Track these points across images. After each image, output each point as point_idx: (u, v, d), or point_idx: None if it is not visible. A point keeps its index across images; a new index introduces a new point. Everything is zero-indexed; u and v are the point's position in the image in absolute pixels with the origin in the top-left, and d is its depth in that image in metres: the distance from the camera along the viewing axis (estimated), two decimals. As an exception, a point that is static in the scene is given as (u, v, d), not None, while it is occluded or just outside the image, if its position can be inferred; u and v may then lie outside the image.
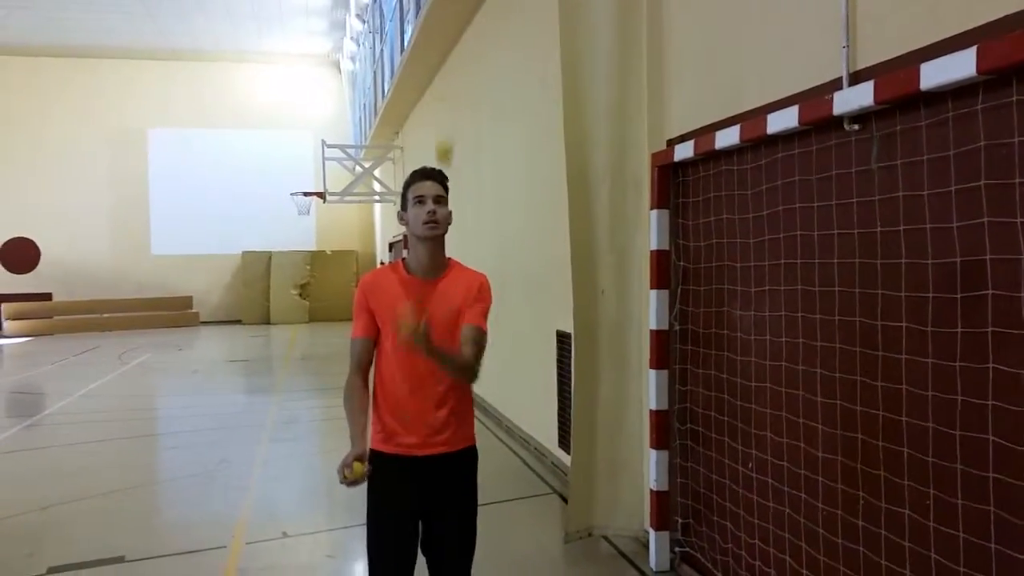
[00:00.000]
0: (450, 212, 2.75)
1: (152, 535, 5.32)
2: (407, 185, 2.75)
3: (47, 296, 24.08)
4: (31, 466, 7.40)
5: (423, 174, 2.74)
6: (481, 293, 2.75)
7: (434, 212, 2.65)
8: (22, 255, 24.32)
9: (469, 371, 2.68)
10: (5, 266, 24.20)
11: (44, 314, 23.08)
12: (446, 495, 2.74)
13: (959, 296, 2.41)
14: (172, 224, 25.11)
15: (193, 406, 10.71)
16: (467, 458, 2.81)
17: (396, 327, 2.47)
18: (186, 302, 24.89)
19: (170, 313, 24.19)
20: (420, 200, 2.68)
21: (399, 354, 2.67)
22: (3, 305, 22.75)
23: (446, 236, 2.77)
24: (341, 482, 2.52)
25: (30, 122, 24.19)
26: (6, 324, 22.27)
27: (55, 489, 6.35)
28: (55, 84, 24.37)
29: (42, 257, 24.42)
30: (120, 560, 4.78)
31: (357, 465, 2.52)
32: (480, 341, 2.69)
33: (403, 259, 2.80)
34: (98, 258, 24.66)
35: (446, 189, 2.75)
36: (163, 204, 25.18)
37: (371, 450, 2.72)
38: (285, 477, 6.78)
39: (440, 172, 2.77)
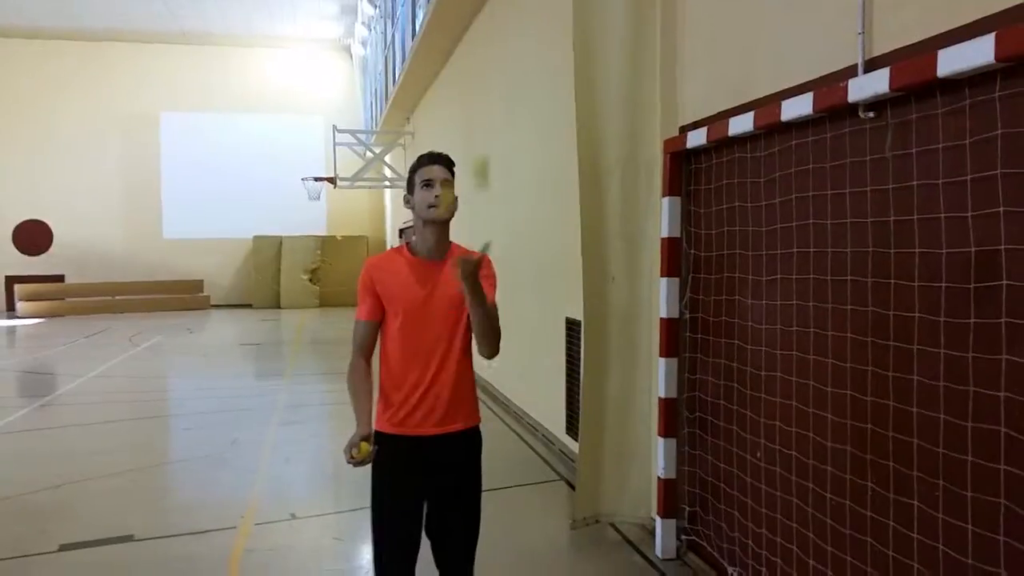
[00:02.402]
0: (456, 197, 2.73)
1: (162, 514, 5.37)
2: (414, 169, 2.75)
3: (59, 278, 24.28)
4: (43, 445, 7.47)
5: (430, 158, 2.74)
6: (486, 270, 2.68)
7: (440, 196, 2.66)
8: (35, 237, 24.51)
9: (495, 329, 2.65)
10: (18, 248, 24.39)
11: (56, 296, 23.26)
12: (451, 476, 2.76)
13: (972, 286, 2.39)
14: (183, 208, 25.25)
15: (203, 388, 10.78)
16: (472, 439, 2.83)
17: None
18: (197, 285, 25.05)
19: (181, 296, 24.35)
20: (427, 184, 2.68)
21: (404, 335, 2.69)
22: (16, 286, 22.94)
23: (455, 223, 2.77)
24: (348, 462, 2.52)
25: (43, 105, 24.32)
26: (19, 305, 22.45)
27: (67, 468, 6.41)
28: (68, 67, 24.47)
29: (54, 239, 24.61)
30: (130, 539, 4.83)
31: (364, 445, 2.53)
32: (494, 315, 2.67)
33: (408, 243, 2.81)
34: (110, 241, 24.83)
35: (453, 174, 2.74)
36: (175, 188, 25.33)
37: (376, 431, 2.73)
38: (294, 459, 6.82)
39: (447, 157, 2.76)
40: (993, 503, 2.30)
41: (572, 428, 6.28)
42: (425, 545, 2.81)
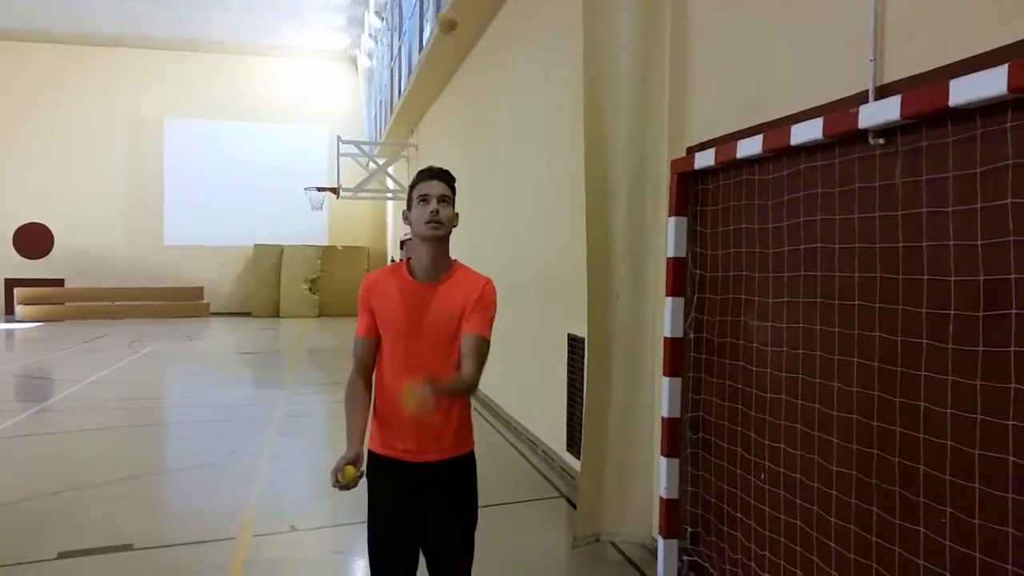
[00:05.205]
0: (456, 214, 2.70)
1: (161, 524, 5.35)
2: (413, 184, 2.71)
3: (59, 282, 24.26)
4: (41, 452, 7.45)
5: (429, 173, 2.69)
6: (483, 300, 2.65)
7: (437, 212, 2.60)
8: (36, 241, 24.51)
9: (470, 389, 2.64)
10: (19, 251, 24.38)
11: (56, 300, 23.24)
12: (442, 502, 2.72)
13: (982, 314, 2.40)
14: (185, 214, 25.28)
15: (202, 396, 10.77)
16: (463, 465, 2.77)
17: (404, 394, 2.44)
18: (197, 293, 25.03)
19: (181, 303, 24.35)
20: (424, 199, 2.63)
21: (397, 359, 2.66)
22: (16, 290, 22.92)
23: (456, 238, 2.75)
24: (333, 485, 2.51)
25: (48, 108, 24.39)
26: (18, 309, 22.43)
27: (64, 475, 6.40)
28: (74, 71, 24.55)
29: (55, 243, 24.60)
30: (129, 548, 4.81)
31: (349, 469, 2.51)
32: (481, 350, 2.61)
33: (408, 259, 2.75)
34: (111, 246, 24.83)
35: (453, 190, 2.70)
36: (177, 194, 25.36)
37: (369, 452, 2.73)
38: (293, 471, 6.80)
39: (447, 172, 2.72)
40: (1001, 532, 2.30)
41: (573, 445, 6.27)
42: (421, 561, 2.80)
